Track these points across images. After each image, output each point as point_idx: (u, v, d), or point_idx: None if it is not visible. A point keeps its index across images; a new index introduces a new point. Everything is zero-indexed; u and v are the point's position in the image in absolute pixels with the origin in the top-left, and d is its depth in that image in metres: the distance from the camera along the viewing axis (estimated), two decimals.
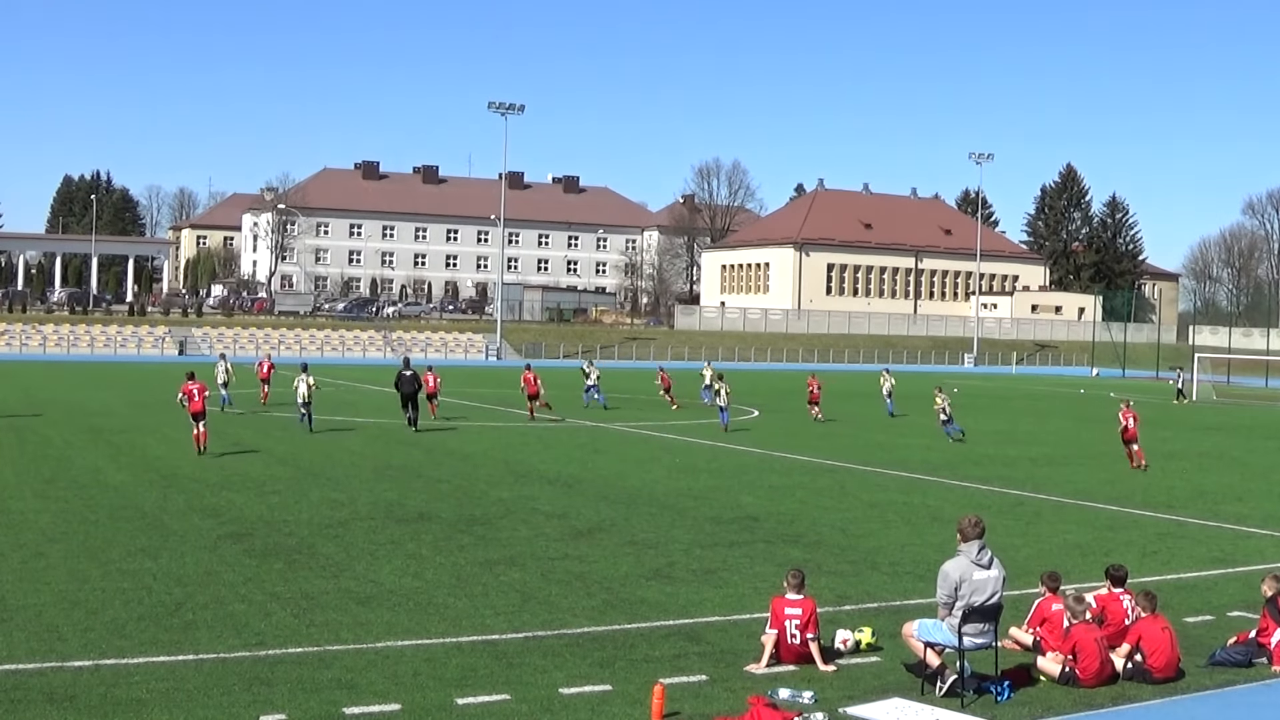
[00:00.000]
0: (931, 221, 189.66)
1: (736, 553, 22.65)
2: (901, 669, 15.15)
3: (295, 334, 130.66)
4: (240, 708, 13.09)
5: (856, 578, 20.67)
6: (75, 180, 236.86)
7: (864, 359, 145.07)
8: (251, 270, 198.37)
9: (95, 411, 50.52)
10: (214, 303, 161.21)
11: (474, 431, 46.17)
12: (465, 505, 27.56)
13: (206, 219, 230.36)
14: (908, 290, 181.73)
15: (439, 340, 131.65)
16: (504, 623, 16.93)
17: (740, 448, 42.02)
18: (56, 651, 15.02)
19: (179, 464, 33.88)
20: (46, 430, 42.30)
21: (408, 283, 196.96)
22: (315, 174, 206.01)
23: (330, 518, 25.45)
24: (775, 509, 28.17)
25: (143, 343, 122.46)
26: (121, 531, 23.28)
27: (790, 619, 15.25)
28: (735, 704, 13.53)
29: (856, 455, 40.39)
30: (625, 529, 24.96)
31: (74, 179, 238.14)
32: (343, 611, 17.36)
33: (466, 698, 13.61)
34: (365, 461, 35.51)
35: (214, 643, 15.60)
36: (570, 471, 34.21)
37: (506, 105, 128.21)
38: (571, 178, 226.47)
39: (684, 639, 16.41)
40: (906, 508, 28.98)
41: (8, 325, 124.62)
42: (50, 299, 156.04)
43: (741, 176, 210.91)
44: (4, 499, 26.92)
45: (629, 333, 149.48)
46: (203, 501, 27.23)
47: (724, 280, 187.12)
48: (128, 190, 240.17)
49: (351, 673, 14.43)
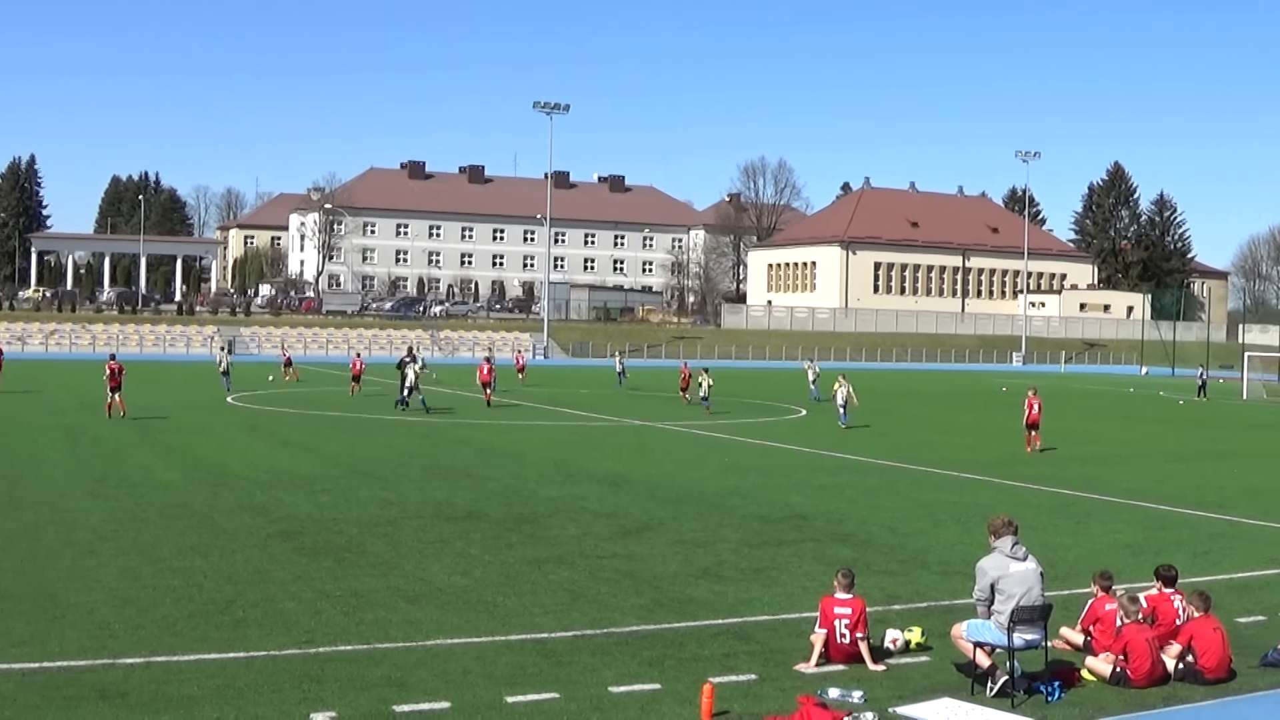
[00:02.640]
0: (979, 220, 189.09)
1: (785, 552, 22.58)
2: (951, 669, 15.07)
3: (343, 333, 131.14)
4: (290, 705, 13.12)
5: (906, 577, 20.58)
6: (123, 181, 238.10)
7: (911, 358, 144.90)
8: (299, 270, 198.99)
9: (145, 411, 50.70)
10: (262, 302, 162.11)
11: (523, 430, 46.22)
12: (514, 504, 27.56)
13: (254, 219, 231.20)
14: (955, 289, 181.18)
15: (486, 339, 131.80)
16: (553, 621, 16.92)
17: (789, 446, 41.94)
18: (108, 649, 15.07)
19: (229, 462, 34.00)
20: (97, 429, 42.51)
21: (454, 282, 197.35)
22: (362, 174, 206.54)
23: (380, 516, 25.49)
24: (824, 508, 28.08)
25: (191, 342, 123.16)
26: (172, 529, 23.36)
27: (840, 618, 15.19)
28: (784, 703, 13.48)
29: (905, 454, 40.24)
30: (674, 528, 24.93)
31: (122, 180, 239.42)
32: (392, 609, 17.38)
33: (516, 696, 13.59)
34: (414, 460, 35.56)
35: (264, 640, 15.64)
36: (619, 470, 34.19)
37: (552, 105, 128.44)
38: (617, 177, 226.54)
39: (733, 638, 16.36)
40: (956, 507, 28.85)
41: (58, 325, 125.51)
42: (99, 299, 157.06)
43: (787, 175, 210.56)
44: (56, 498, 27.05)
45: (676, 331, 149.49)
46: (253, 500, 27.31)
47: (770, 279, 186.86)
48: (175, 191, 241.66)
49: (401, 670, 14.44)
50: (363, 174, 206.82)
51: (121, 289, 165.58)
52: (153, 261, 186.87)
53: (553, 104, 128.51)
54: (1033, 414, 42.56)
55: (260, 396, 60.77)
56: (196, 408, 53.29)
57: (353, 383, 64.62)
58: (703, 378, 57.75)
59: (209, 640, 15.58)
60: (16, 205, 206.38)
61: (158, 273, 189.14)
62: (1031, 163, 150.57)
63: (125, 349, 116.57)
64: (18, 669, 14.18)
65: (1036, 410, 42.59)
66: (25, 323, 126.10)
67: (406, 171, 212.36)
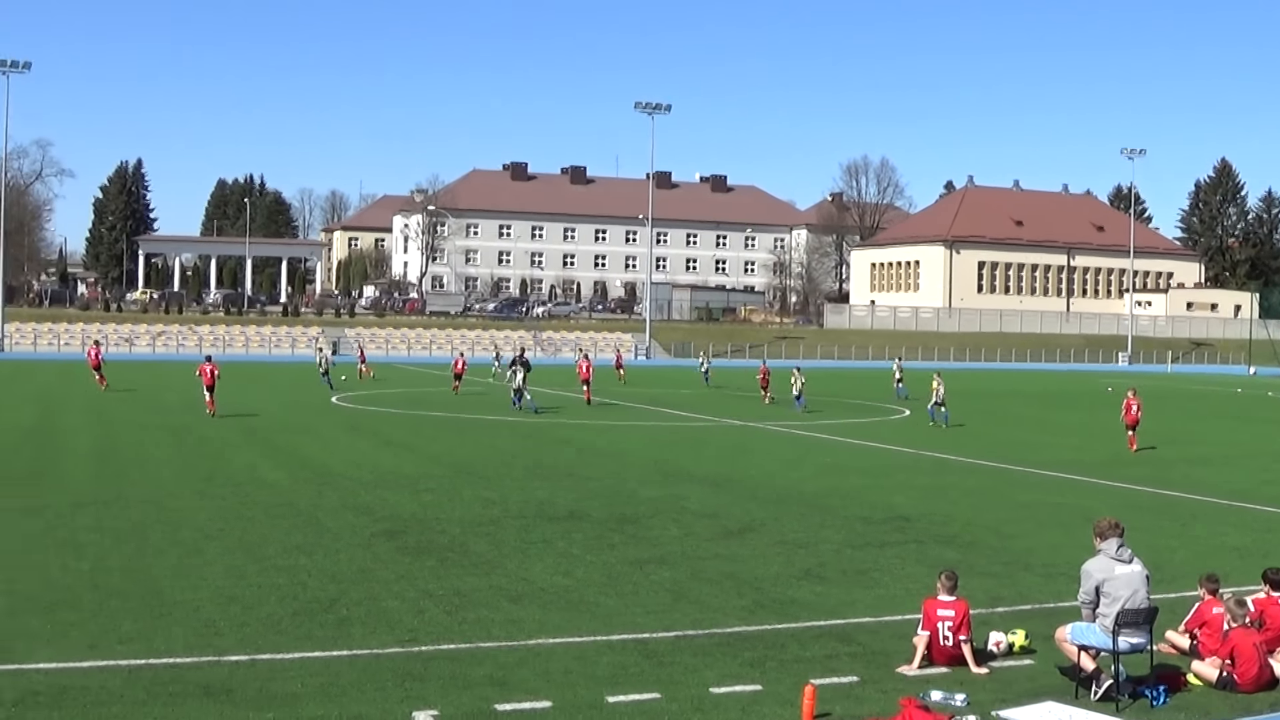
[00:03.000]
0: (1083, 218, 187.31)
1: (888, 553, 22.47)
2: (1055, 672, 14.93)
3: (446, 334, 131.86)
4: (393, 703, 13.20)
5: (1009, 579, 20.42)
6: (229, 184, 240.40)
7: (1015, 358, 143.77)
8: (403, 271, 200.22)
9: (251, 411, 51.21)
10: (366, 303, 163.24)
11: (624, 430, 46.28)
12: (616, 504, 27.59)
13: (358, 221, 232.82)
14: (1060, 288, 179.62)
15: (588, 340, 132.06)
16: (655, 621, 16.92)
17: (891, 447, 41.74)
18: (213, 646, 15.22)
19: (333, 462, 34.26)
20: (203, 429, 42.94)
21: (557, 282, 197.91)
22: (464, 175, 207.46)
23: (482, 516, 25.59)
24: (927, 509, 27.91)
25: (296, 343, 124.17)
26: (277, 528, 23.57)
27: (943, 620, 15.10)
28: (886, 705, 13.41)
29: (1008, 455, 39.93)
30: (776, 528, 24.86)
31: (228, 183, 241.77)
32: (494, 609, 17.44)
33: (617, 696, 13.60)
34: (517, 460, 35.67)
35: (367, 638, 15.75)
36: (720, 471, 34.13)
37: (653, 105, 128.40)
38: (719, 177, 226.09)
39: (835, 639, 16.30)
40: (1060, 508, 28.58)
41: (165, 326, 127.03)
42: (206, 300, 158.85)
43: (890, 174, 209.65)
44: (163, 497, 27.35)
45: (778, 332, 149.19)
46: (357, 499, 27.49)
47: (873, 278, 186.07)
48: (280, 193, 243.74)
49: (503, 669, 14.49)
50: (465, 175, 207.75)
51: (227, 291, 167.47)
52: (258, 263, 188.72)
53: (654, 104, 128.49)
54: (1132, 414, 42.43)
55: (363, 397, 61.21)
56: (301, 408, 53.75)
57: (455, 381, 65.93)
58: (795, 376, 57.73)
59: (313, 638, 15.71)
60: (124, 209, 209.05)
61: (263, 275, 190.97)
62: (1137, 160, 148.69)
63: (231, 350, 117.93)
64: (125, 665, 14.36)
65: (1136, 410, 42.49)
66: (133, 324, 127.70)
67: (509, 173, 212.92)
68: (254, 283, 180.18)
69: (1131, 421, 42.35)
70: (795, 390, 56.78)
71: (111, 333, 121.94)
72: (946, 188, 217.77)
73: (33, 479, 29.76)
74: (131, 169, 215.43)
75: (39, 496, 26.94)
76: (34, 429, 42.17)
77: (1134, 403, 42.57)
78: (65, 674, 14.01)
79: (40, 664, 14.36)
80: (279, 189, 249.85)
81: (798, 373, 58.31)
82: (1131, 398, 42.81)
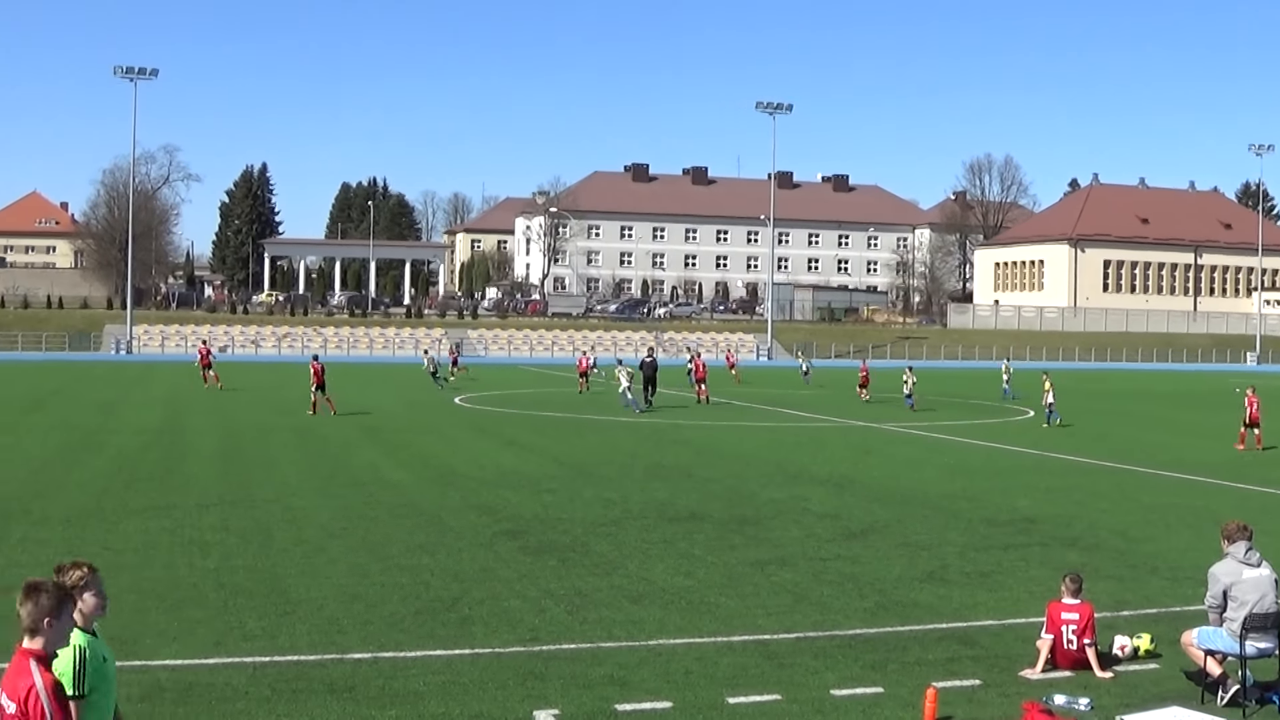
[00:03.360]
0: (1210, 215, 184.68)
1: (1011, 555, 22.24)
2: (1181, 677, 14.70)
3: (568, 335, 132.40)
4: (514, 702, 13.23)
5: (1135, 582, 20.14)
6: (353, 187, 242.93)
7: (1142, 358, 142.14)
8: (525, 273, 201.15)
9: (373, 411, 51.67)
10: (489, 305, 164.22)
11: (744, 431, 46.21)
12: (737, 505, 27.53)
13: (480, 223, 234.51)
14: (1187, 287, 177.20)
15: (710, 340, 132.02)
16: (775, 623, 16.85)
17: (1015, 448, 41.36)
18: (337, 644, 15.34)
19: (456, 462, 34.45)
20: (326, 429, 43.35)
21: (678, 283, 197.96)
22: (586, 177, 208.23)
23: (603, 516, 25.62)
24: (1051, 511, 27.60)
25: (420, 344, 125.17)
26: (400, 528, 23.71)
27: (1067, 624, 14.92)
28: (1009, 709, 13.28)
29: (1135, 456, 39.42)
30: (898, 530, 24.69)
31: (351, 186, 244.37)
32: (615, 609, 17.45)
33: (738, 697, 13.55)
34: (637, 461, 35.70)
35: (489, 637, 15.80)
36: (842, 472, 33.96)
37: (775, 105, 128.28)
38: (841, 176, 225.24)
39: (957, 642, 16.15)
40: (1188, 511, 28.15)
41: (290, 328, 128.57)
42: (330, 302, 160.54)
43: (1014, 172, 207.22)
44: (287, 496, 27.63)
45: (901, 332, 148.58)
46: (479, 499, 27.62)
47: (997, 278, 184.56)
48: (403, 196, 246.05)
49: (624, 669, 14.49)
50: (587, 177, 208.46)
51: (351, 293, 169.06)
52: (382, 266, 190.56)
53: (775, 104, 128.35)
54: (1253, 412, 42.47)
55: (485, 398, 61.56)
56: (423, 408, 54.14)
57: (580, 379, 66.97)
58: (907, 376, 58.02)
59: (435, 637, 15.79)
60: (250, 212, 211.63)
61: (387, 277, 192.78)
62: (1265, 156, 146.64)
63: (355, 351, 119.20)
64: (249, 662, 14.51)
65: (1256, 409, 42.48)
66: (259, 326, 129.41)
67: (630, 174, 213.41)
68: (378, 285, 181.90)
69: (1253, 419, 42.43)
70: (906, 389, 56.93)
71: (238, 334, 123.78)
72: (1071, 186, 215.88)
73: (160, 479, 30.13)
74: (257, 173, 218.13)
75: (166, 496, 27.29)
76: (161, 430, 42.73)
77: (1254, 400, 42.55)
78: (191, 670, 14.18)
79: (166, 660, 14.54)
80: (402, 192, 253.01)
81: (909, 372, 58.56)
82: (1252, 395, 42.79)
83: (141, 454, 35.49)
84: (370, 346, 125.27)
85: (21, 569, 19.18)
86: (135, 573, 19.16)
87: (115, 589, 17.85)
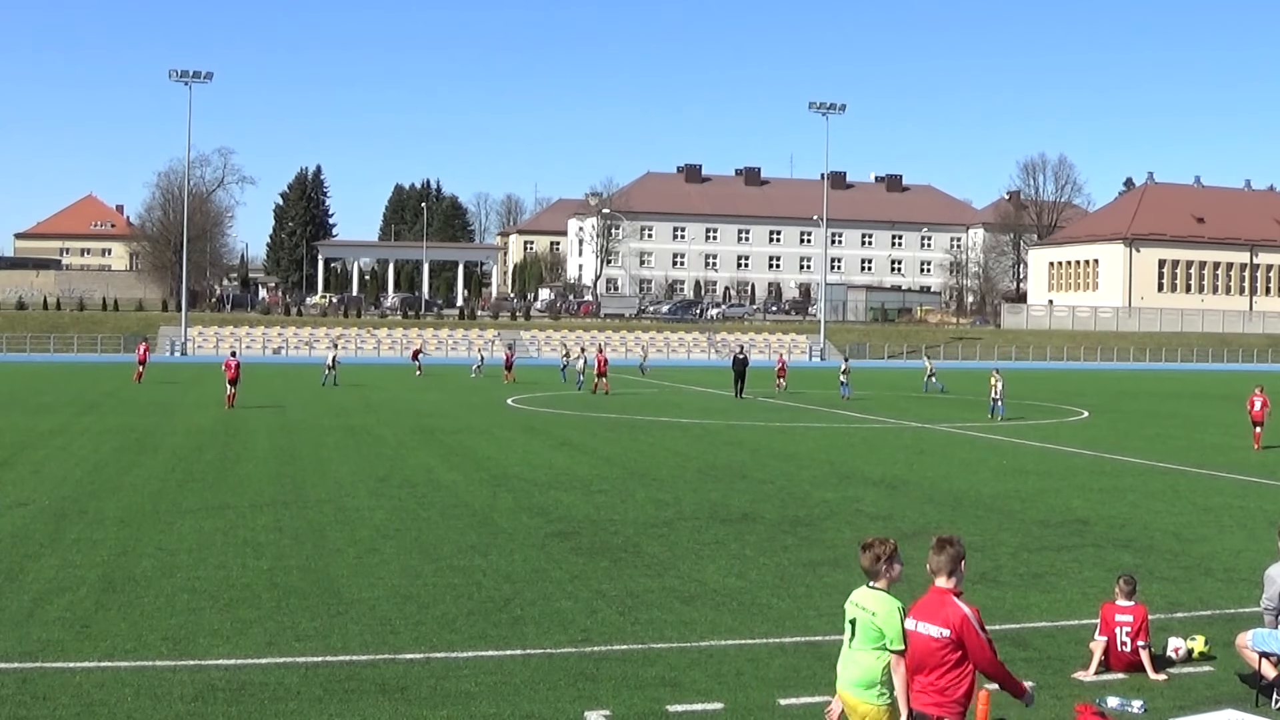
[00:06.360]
0: (1267, 214, 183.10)
1: (1065, 557, 22.11)
2: (1235, 679, 14.59)
3: (621, 336, 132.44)
4: (565, 703, 13.23)
5: (1189, 584, 19.99)
6: (406, 189, 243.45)
7: (1197, 358, 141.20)
8: (578, 274, 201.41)
9: (427, 412, 51.83)
10: (541, 306, 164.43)
11: (798, 432, 46.11)
12: (789, 506, 27.47)
13: (533, 224, 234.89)
14: (1242, 286, 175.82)
15: (763, 341, 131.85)
16: (827, 624, 16.76)
17: (1069, 449, 41.14)
18: (389, 644, 15.37)
19: (508, 463, 34.49)
20: (380, 430, 43.50)
21: (731, 284, 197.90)
22: (639, 178, 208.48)
23: (655, 517, 25.60)
24: (1105, 512, 27.42)
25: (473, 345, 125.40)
26: (453, 529, 23.75)
27: (1120, 625, 14.84)
28: (1062, 711, 13.23)
29: (1190, 457, 39.17)
30: (951, 531, 24.52)
31: (405, 188, 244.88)
32: (667, 610, 17.43)
33: (789, 698, 13.53)
34: (690, 462, 35.67)
35: (541, 638, 15.81)
36: (895, 473, 33.85)
37: (828, 105, 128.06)
38: (894, 176, 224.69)
39: (1010, 644, 16.05)
40: (1243, 512, 27.94)
41: (344, 329, 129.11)
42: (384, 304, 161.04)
43: (1068, 171, 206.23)
44: (340, 497, 27.72)
45: (955, 332, 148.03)
46: (531, 500, 27.64)
47: (1051, 278, 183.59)
48: (456, 198, 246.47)
49: (675, 670, 14.47)
50: (640, 178, 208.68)
51: (405, 294, 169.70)
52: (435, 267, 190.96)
53: (829, 104, 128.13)
54: (1255, 411, 42.98)
55: (537, 399, 61.66)
56: (475, 409, 54.25)
57: (599, 379, 67.07)
58: (994, 379, 54.52)
59: (487, 638, 15.81)
60: (304, 214, 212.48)
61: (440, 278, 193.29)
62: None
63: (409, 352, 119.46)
64: (302, 662, 14.56)
65: (1259, 407, 42.84)
66: (312, 328, 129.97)
67: (683, 175, 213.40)
68: (431, 286, 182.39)
69: (1256, 418, 42.80)
70: (994, 394, 53.82)
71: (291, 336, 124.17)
72: (1126, 185, 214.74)
73: (214, 480, 30.28)
74: (311, 175, 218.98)
75: (219, 497, 27.43)
76: (215, 430, 42.93)
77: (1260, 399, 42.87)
78: (244, 670, 14.23)
79: (220, 660, 14.60)
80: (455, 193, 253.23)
81: (996, 374, 55.23)
82: (1259, 394, 43.21)
83: (196, 455, 35.67)
84: (423, 348, 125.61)
85: (75, 569, 19.33)
86: (189, 573, 19.26)
87: (169, 589, 18.04)
